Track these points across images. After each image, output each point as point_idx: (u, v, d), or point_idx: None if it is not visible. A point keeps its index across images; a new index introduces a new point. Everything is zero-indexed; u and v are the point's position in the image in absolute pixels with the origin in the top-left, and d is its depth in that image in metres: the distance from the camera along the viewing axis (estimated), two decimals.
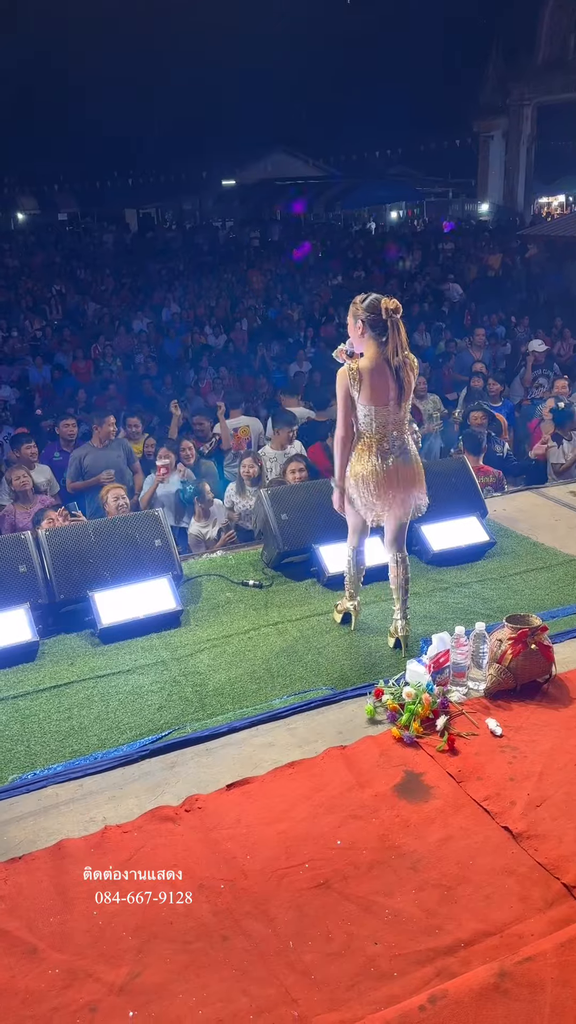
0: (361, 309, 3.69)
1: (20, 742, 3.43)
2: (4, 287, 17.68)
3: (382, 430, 3.76)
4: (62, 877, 2.54)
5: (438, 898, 2.43)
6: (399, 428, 3.80)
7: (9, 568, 4.31)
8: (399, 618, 4.01)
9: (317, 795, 2.84)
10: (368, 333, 3.70)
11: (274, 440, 6.54)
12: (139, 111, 34.94)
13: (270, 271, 19.17)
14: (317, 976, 2.18)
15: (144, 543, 4.63)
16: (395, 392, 3.72)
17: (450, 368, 10.34)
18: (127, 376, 11.13)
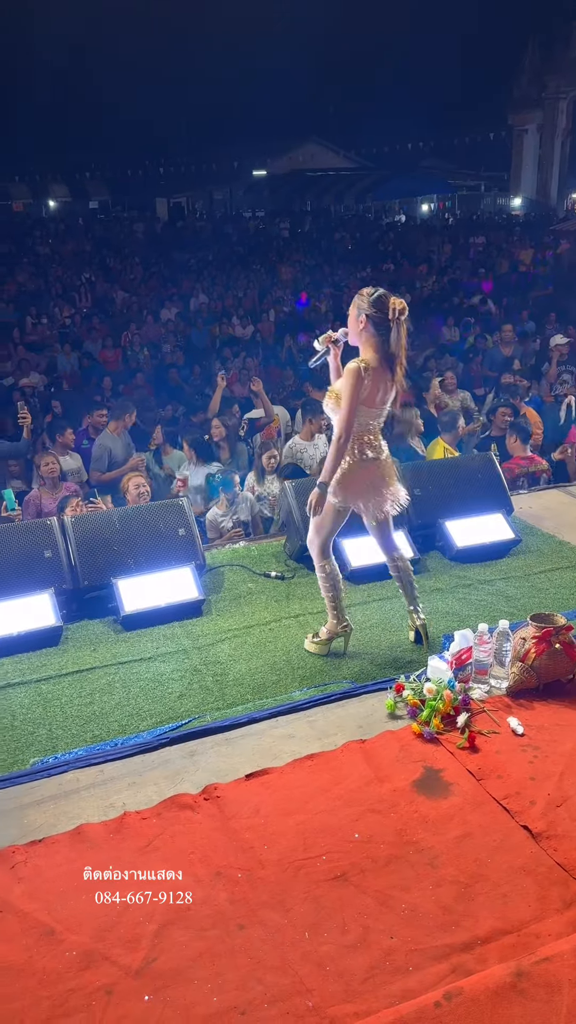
0: (367, 303, 3.57)
1: (42, 725, 3.46)
2: (34, 274, 17.82)
3: (374, 430, 3.69)
4: (81, 861, 2.56)
5: (455, 895, 2.42)
6: (377, 430, 3.72)
7: (35, 553, 4.35)
8: (413, 610, 3.97)
9: (336, 788, 2.84)
10: (370, 330, 3.58)
11: (303, 431, 6.53)
12: (172, 101, 35.02)
13: (299, 262, 19.12)
14: (332, 968, 2.19)
15: (168, 532, 4.65)
16: (388, 394, 3.66)
17: (478, 364, 10.25)
18: (154, 365, 11.17)
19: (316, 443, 6.39)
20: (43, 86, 30.08)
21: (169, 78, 34.11)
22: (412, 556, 4.80)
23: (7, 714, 3.55)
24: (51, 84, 30.65)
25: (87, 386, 10.18)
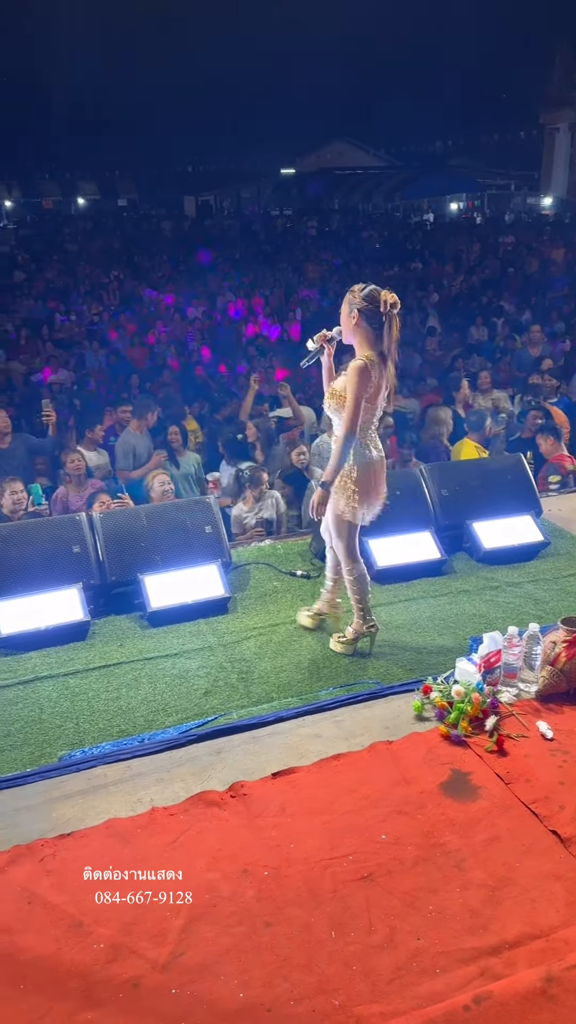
0: (359, 298, 3.56)
1: (69, 719, 3.49)
2: (63, 271, 17.94)
3: (366, 427, 3.68)
4: (109, 855, 2.58)
5: (483, 898, 2.41)
6: (375, 427, 3.74)
7: (64, 548, 4.39)
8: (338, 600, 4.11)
9: (362, 788, 2.84)
10: (363, 324, 3.57)
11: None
12: (201, 99, 35.07)
13: (326, 261, 19.09)
14: (359, 967, 2.19)
15: (195, 529, 4.66)
16: (385, 390, 3.64)
17: (507, 364, 10.18)
18: (180, 363, 11.20)
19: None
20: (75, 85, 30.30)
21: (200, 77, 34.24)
22: (439, 557, 4.79)
23: (35, 707, 3.59)
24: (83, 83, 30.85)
25: (114, 383, 10.24)
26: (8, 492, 5.20)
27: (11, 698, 3.66)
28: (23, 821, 2.76)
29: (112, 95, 33.36)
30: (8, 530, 4.45)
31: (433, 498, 5.05)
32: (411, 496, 5.03)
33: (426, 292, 15.35)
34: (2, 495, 5.24)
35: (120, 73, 33.26)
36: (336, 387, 3.67)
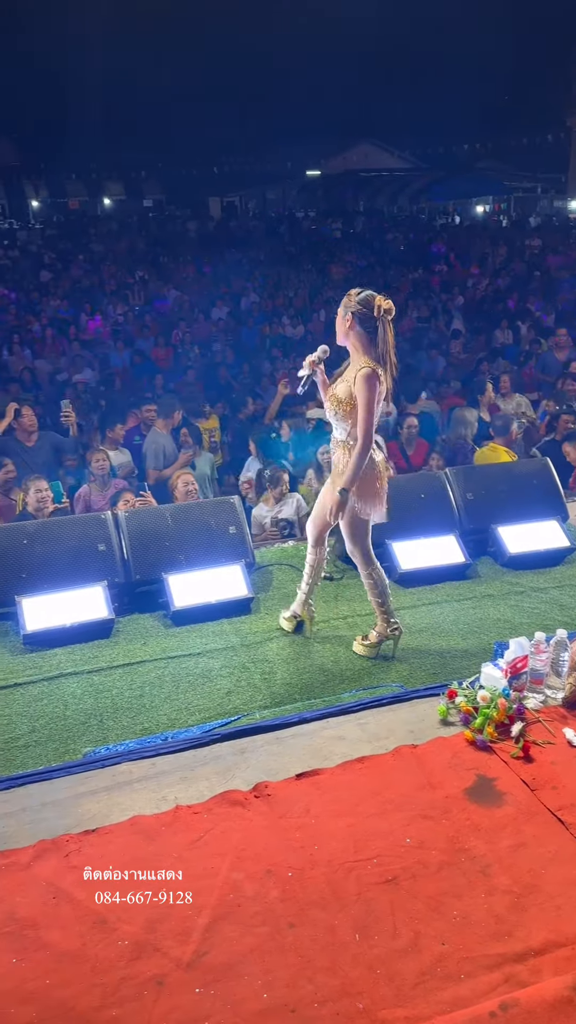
0: (354, 302, 3.56)
1: (94, 716, 3.51)
2: (89, 271, 18.05)
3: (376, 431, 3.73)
4: (133, 852, 2.59)
5: (508, 904, 2.39)
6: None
7: (90, 546, 4.42)
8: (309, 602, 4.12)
9: (387, 792, 2.83)
10: (356, 328, 3.56)
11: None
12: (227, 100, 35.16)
13: (351, 263, 19.07)
14: (383, 971, 2.18)
15: (219, 529, 4.67)
16: (389, 394, 3.67)
17: (532, 368, 10.11)
18: (204, 363, 11.24)
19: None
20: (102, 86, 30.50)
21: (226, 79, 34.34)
22: (463, 561, 4.77)
23: (60, 704, 3.61)
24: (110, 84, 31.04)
25: (138, 383, 10.29)
26: (33, 490, 5.25)
27: (36, 694, 3.68)
28: (49, 816, 2.78)
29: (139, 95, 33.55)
30: (35, 527, 4.49)
31: (458, 501, 5.03)
32: (436, 499, 5.02)
33: (451, 295, 15.30)
34: (27, 493, 5.29)
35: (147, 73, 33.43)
36: (338, 393, 3.65)
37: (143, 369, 10.88)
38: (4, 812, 2.81)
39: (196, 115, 33.68)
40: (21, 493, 5.41)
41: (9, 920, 2.35)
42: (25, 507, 5.29)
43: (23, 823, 2.76)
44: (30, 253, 20.98)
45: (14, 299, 15.15)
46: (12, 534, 4.39)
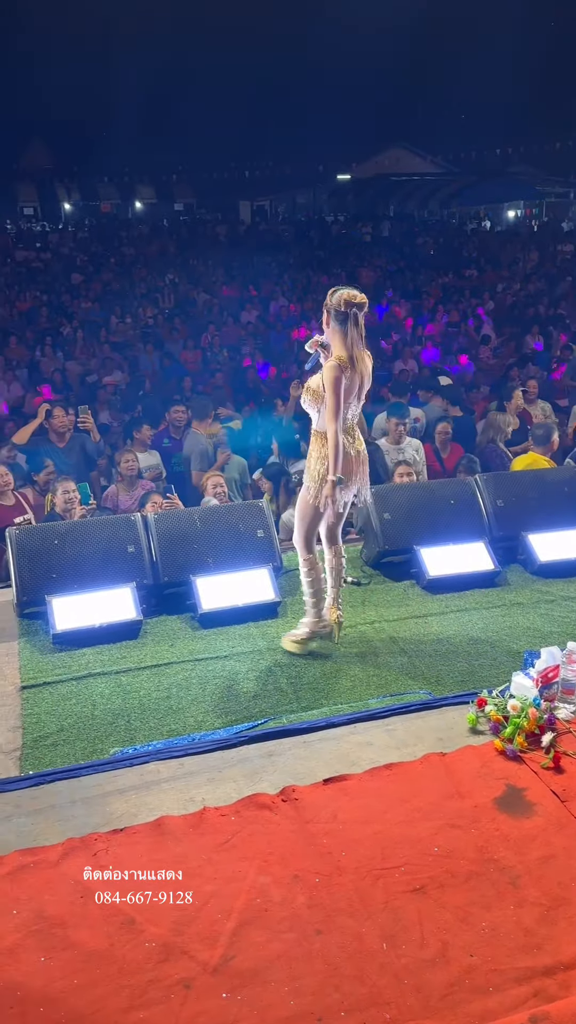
0: (330, 299, 3.71)
1: (121, 716, 3.53)
2: (120, 275, 18.17)
3: (347, 424, 3.82)
4: (161, 852, 2.59)
5: (537, 917, 2.36)
6: (353, 422, 3.87)
7: (119, 547, 4.44)
8: (335, 605, 4.06)
9: (415, 799, 2.81)
10: (333, 324, 3.71)
11: (391, 433, 6.43)
12: (257, 104, 35.29)
13: (380, 267, 19.03)
14: (411, 981, 2.16)
15: (247, 532, 4.68)
16: (357, 387, 3.76)
17: (562, 374, 10.02)
18: (232, 367, 11.27)
19: (402, 447, 6.30)
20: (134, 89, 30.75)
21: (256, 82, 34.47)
22: (493, 568, 4.73)
23: (88, 703, 3.63)
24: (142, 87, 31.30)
25: (167, 385, 10.34)
26: (61, 491, 5.29)
27: (65, 693, 3.71)
28: (78, 814, 2.79)
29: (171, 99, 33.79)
30: (65, 528, 4.53)
31: (487, 508, 4.99)
32: (465, 506, 4.98)
33: (481, 300, 15.21)
34: (55, 494, 5.33)
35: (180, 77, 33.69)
36: (311, 384, 3.83)
37: (171, 372, 10.94)
38: (33, 809, 2.83)
39: (227, 119, 33.84)
40: (50, 494, 5.46)
41: (38, 918, 2.37)
42: (53, 508, 5.34)
43: (52, 821, 2.78)
44: (62, 256, 21.17)
45: (46, 301, 15.30)
46: (43, 534, 4.44)
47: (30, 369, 11.10)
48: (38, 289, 16.41)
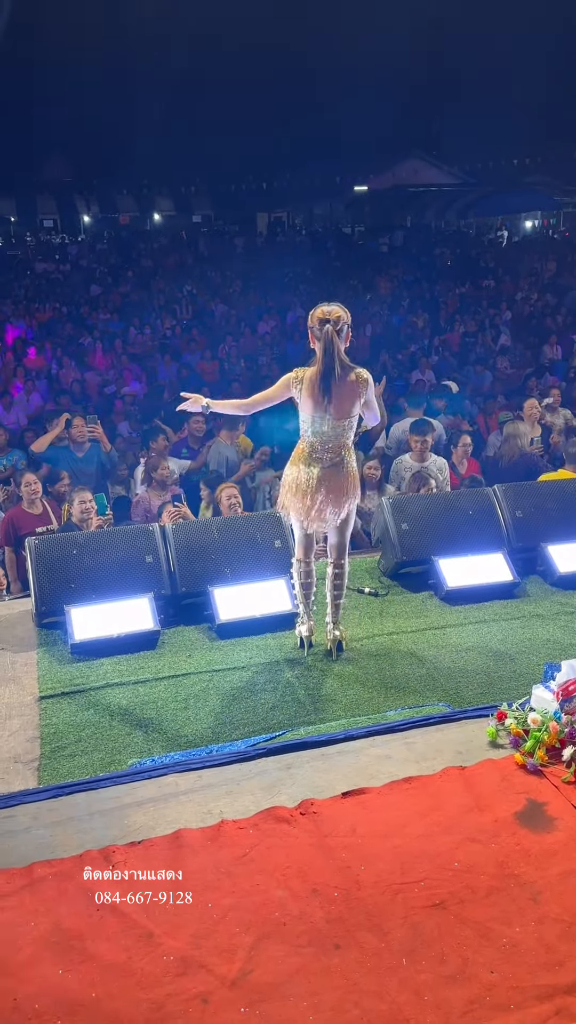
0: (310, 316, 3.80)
1: (139, 727, 3.53)
2: (138, 286, 18.31)
3: (315, 439, 3.82)
4: (178, 865, 2.58)
5: (559, 933, 2.33)
6: (335, 440, 3.82)
7: (137, 557, 4.46)
8: (332, 625, 4.10)
9: (434, 814, 2.79)
10: (313, 339, 3.77)
11: (414, 450, 6.33)
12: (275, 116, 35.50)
13: (397, 277, 19.04)
14: (431, 998, 2.14)
15: (264, 543, 4.68)
16: (327, 404, 3.73)
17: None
18: (250, 377, 11.31)
19: (427, 464, 6.14)
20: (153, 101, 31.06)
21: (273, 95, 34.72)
22: (511, 579, 4.70)
23: (106, 714, 3.64)
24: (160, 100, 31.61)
25: None
26: (77, 501, 5.32)
27: (83, 703, 3.72)
28: (96, 826, 2.79)
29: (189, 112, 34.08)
30: (84, 538, 4.55)
31: (506, 519, 4.97)
32: (484, 516, 4.96)
33: (498, 310, 15.18)
34: (72, 504, 5.36)
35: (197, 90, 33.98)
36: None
37: (189, 382, 10.99)
38: (52, 821, 2.83)
39: (245, 131, 34.06)
40: (67, 504, 5.50)
41: (56, 930, 2.36)
42: (70, 517, 5.36)
43: (70, 832, 2.78)
44: (81, 268, 21.37)
45: (65, 313, 15.44)
46: (62, 544, 4.46)
47: (49, 380, 11.20)
48: (57, 301, 16.57)
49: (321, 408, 3.75)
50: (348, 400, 3.75)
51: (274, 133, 35.67)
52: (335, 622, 4.11)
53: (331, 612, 4.12)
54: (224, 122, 34.01)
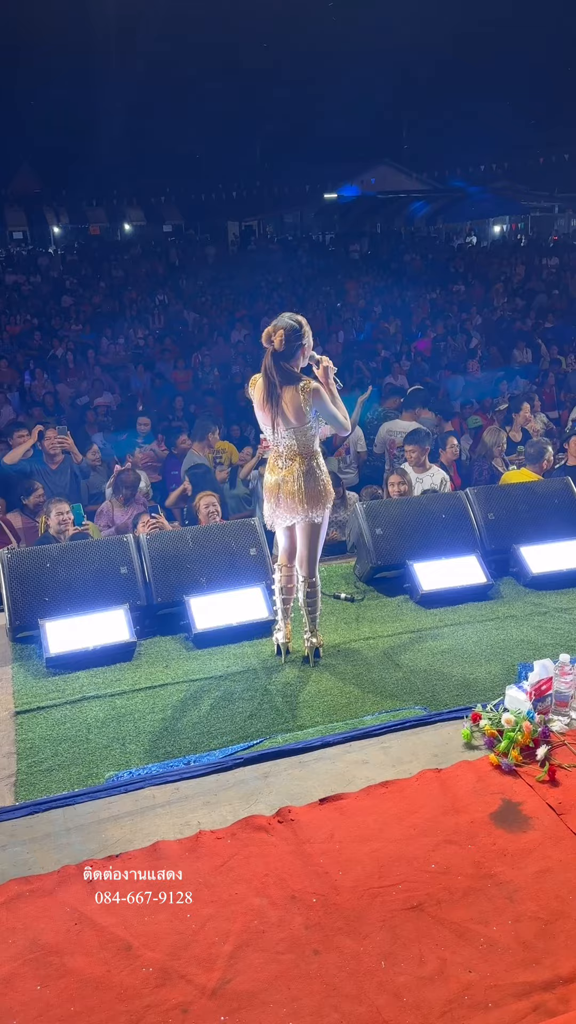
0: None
1: (116, 739, 3.52)
2: (110, 296, 18.26)
3: (276, 448, 3.97)
4: (156, 877, 2.58)
5: (535, 931, 2.36)
6: (291, 450, 3.92)
7: (112, 569, 4.45)
8: (309, 633, 4.16)
9: (411, 817, 2.80)
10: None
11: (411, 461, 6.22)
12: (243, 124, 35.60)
13: (368, 284, 19.17)
14: (409, 999, 2.15)
15: (240, 551, 4.69)
16: (274, 412, 3.87)
17: (551, 387, 10.09)
18: (223, 386, 11.32)
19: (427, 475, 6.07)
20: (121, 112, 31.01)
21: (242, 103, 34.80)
22: (485, 582, 4.75)
23: (83, 727, 3.62)
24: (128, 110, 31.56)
25: (159, 405, 10.37)
26: (54, 512, 5.30)
27: (59, 718, 3.70)
28: (73, 841, 2.78)
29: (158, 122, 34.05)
30: (57, 551, 4.53)
31: (479, 522, 5.02)
32: (456, 520, 5.01)
33: (469, 314, 15.32)
34: (49, 515, 5.34)
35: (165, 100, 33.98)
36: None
37: (163, 392, 10.98)
38: (29, 838, 2.82)
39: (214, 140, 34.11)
40: (43, 516, 5.47)
41: (33, 947, 2.35)
42: (47, 530, 5.34)
43: (47, 849, 2.76)
44: (51, 279, 21.27)
45: (37, 325, 15.36)
46: (35, 558, 4.44)
47: (21, 392, 11.13)
48: (28, 312, 16.47)
49: (269, 416, 3.89)
50: (294, 409, 3.82)
51: (243, 142, 35.77)
52: (312, 630, 4.14)
53: (308, 622, 4.14)
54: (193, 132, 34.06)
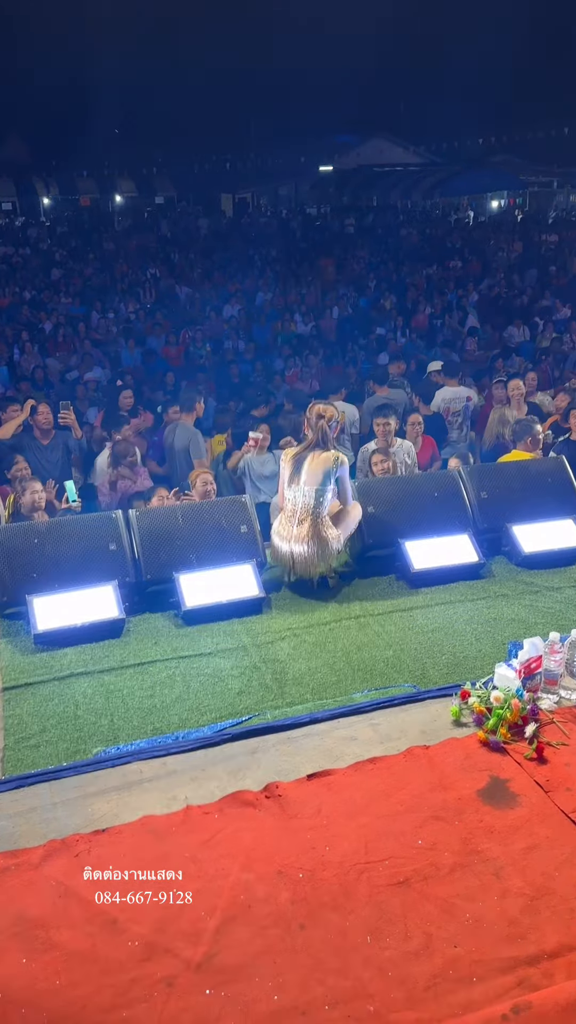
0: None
1: (104, 716, 3.51)
2: (100, 270, 18.08)
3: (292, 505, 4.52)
4: (143, 852, 2.58)
5: (521, 907, 2.37)
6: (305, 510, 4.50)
7: (100, 545, 4.41)
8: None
9: (399, 793, 2.81)
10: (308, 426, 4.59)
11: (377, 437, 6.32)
12: (238, 96, 35.12)
13: (363, 259, 19.01)
14: (395, 973, 2.16)
15: (230, 528, 4.66)
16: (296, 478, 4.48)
17: (548, 365, 10.04)
18: (215, 361, 11.24)
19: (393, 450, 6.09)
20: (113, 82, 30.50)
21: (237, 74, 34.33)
22: (477, 560, 4.74)
23: (71, 704, 3.61)
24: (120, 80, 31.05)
25: (150, 380, 10.30)
26: (29, 491, 5.22)
27: (47, 694, 3.69)
28: (59, 816, 2.78)
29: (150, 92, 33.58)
30: (45, 527, 4.49)
31: (471, 500, 4.99)
32: (449, 498, 4.98)
33: (465, 291, 15.23)
34: (22, 494, 5.26)
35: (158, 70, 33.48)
36: None
37: (154, 367, 10.90)
38: (14, 812, 2.81)
39: (208, 110, 33.68)
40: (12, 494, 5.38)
41: (19, 920, 2.35)
42: (18, 508, 5.25)
43: (33, 823, 2.76)
44: (41, 251, 21.03)
45: (26, 299, 15.20)
46: (23, 533, 4.40)
47: (10, 366, 11.03)
48: (17, 285, 16.29)
49: (287, 480, 4.42)
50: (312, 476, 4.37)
51: (237, 113, 35.31)
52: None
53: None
54: (186, 102, 33.60)
